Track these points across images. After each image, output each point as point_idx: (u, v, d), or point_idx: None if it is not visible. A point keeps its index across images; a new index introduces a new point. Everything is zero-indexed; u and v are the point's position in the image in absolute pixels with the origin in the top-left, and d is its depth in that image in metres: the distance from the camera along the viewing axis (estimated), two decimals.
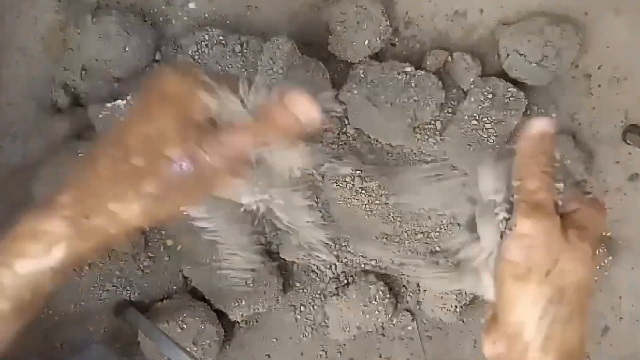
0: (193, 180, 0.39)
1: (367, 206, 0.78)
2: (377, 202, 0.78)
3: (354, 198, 0.77)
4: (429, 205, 0.79)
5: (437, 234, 0.80)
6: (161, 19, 0.81)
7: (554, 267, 0.40)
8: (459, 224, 0.81)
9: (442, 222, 0.80)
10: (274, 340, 0.82)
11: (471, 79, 0.80)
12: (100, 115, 0.75)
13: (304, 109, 0.41)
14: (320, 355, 0.82)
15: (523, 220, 0.41)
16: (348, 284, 0.81)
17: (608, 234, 0.82)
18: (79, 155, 0.75)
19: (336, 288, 0.81)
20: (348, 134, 0.81)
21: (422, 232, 0.80)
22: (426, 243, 0.81)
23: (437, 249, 0.81)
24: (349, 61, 0.80)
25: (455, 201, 0.75)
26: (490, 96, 0.78)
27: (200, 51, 0.76)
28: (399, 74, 0.77)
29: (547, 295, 0.40)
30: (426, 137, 0.80)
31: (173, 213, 0.41)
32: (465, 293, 0.78)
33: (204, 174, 0.39)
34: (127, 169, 0.38)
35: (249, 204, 0.49)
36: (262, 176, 0.47)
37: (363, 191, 0.77)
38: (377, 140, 0.80)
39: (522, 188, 0.43)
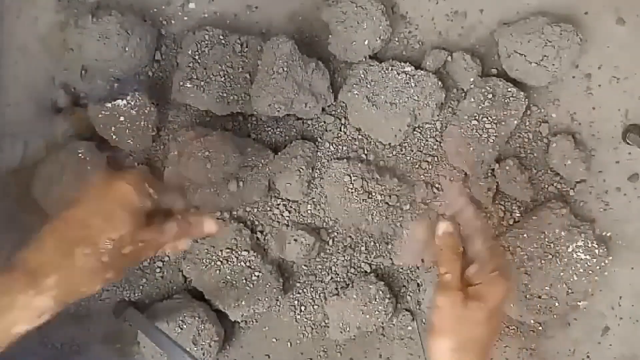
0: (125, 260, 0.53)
1: (366, 207, 0.78)
2: (378, 202, 0.78)
3: (353, 198, 0.77)
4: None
5: None
6: (161, 18, 0.81)
7: (457, 327, 0.57)
8: None
9: None
10: (274, 340, 0.82)
11: (471, 79, 0.80)
12: (100, 115, 0.75)
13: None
14: (320, 355, 0.82)
15: (438, 294, 0.59)
16: (348, 284, 0.81)
17: (608, 234, 0.82)
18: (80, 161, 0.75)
19: (336, 288, 0.81)
20: (348, 134, 0.81)
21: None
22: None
23: None
24: (349, 61, 0.80)
25: None
26: (490, 96, 0.78)
27: (200, 51, 0.76)
28: (399, 74, 0.77)
29: (452, 347, 0.57)
30: (426, 137, 0.80)
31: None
32: None
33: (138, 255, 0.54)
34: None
35: None
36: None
37: (363, 191, 0.77)
38: (378, 141, 0.81)
39: (438, 272, 0.61)
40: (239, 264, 0.77)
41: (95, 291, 0.52)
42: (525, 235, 0.79)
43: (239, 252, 0.77)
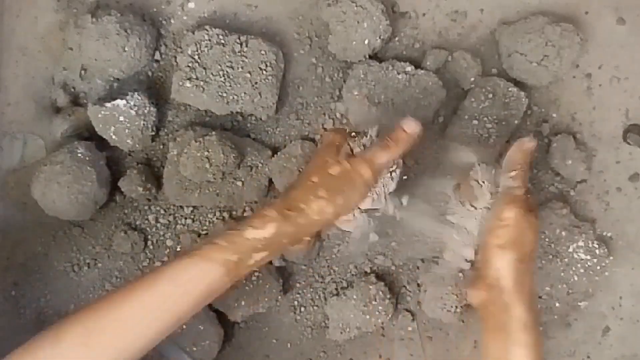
0: (348, 191, 0.60)
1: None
2: None
3: None
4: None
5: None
6: (161, 18, 0.81)
7: (521, 238, 0.62)
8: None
9: None
10: (274, 340, 0.82)
11: (471, 79, 0.80)
12: (100, 115, 0.75)
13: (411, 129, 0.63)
14: (320, 355, 0.82)
15: (508, 207, 0.62)
16: (348, 284, 0.81)
17: (609, 234, 0.82)
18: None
19: (336, 288, 0.81)
20: None
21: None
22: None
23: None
24: (349, 61, 0.80)
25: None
26: (490, 96, 0.78)
27: (199, 51, 0.76)
28: (399, 74, 0.77)
29: (518, 257, 0.62)
30: (427, 136, 0.80)
31: (337, 215, 0.61)
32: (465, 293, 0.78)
33: (355, 186, 0.61)
34: (309, 184, 0.60)
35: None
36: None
37: None
38: None
39: (508, 185, 0.65)
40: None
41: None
42: None
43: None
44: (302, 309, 0.81)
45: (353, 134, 0.66)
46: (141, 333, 0.55)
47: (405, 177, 0.74)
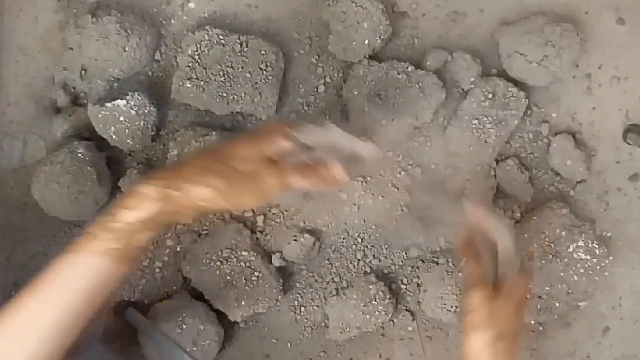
0: (245, 192, 0.55)
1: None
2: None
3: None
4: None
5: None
6: (161, 18, 0.81)
7: (491, 321, 0.64)
8: None
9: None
10: (274, 340, 0.82)
11: (471, 79, 0.80)
12: (100, 115, 0.75)
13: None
14: (320, 355, 0.82)
15: (470, 293, 0.66)
16: (348, 284, 0.81)
17: (609, 234, 0.82)
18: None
19: (336, 288, 0.81)
20: None
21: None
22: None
23: (437, 249, 0.81)
24: (349, 61, 0.80)
25: None
26: (490, 96, 0.78)
27: (200, 51, 0.76)
28: (399, 74, 0.77)
29: (487, 339, 0.64)
30: (427, 137, 0.80)
31: (224, 208, 0.58)
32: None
33: (254, 192, 0.55)
34: (204, 167, 0.55)
35: None
36: None
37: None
38: None
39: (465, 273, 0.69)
40: (239, 264, 0.77)
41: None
42: (525, 235, 0.79)
43: (239, 252, 0.77)
44: (302, 309, 0.81)
45: (290, 132, 0.58)
46: (41, 342, 0.53)
47: None
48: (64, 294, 0.54)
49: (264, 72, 0.77)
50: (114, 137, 0.76)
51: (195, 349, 0.76)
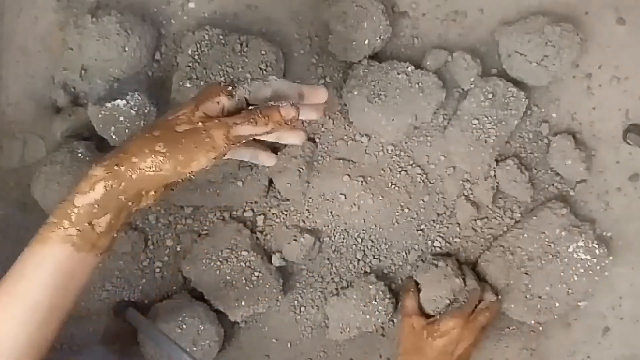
0: (192, 150, 0.53)
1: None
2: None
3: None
4: None
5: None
6: (161, 18, 0.81)
7: (416, 349, 0.73)
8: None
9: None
10: (274, 340, 0.82)
11: (471, 79, 0.80)
12: (100, 115, 0.75)
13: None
14: (320, 355, 0.82)
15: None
16: (348, 284, 0.81)
17: (609, 234, 0.82)
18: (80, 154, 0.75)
19: (336, 288, 0.81)
20: (348, 134, 0.81)
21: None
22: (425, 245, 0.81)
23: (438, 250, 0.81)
24: (349, 61, 0.80)
25: None
26: (490, 96, 0.78)
27: (200, 51, 0.76)
28: (399, 74, 0.77)
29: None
30: (427, 136, 0.80)
31: (177, 173, 0.54)
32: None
33: (202, 147, 0.53)
34: (148, 137, 0.54)
35: None
36: None
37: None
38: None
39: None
40: (239, 264, 0.77)
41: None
42: (525, 235, 0.79)
43: (239, 252, 0.77)
44: (302, 309, 0.81)
45: (229, 88, 0.57)
46: (13, 337, 0.53)
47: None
48: (31, 287, 0.53)
49: (264, 72, 0.77)
50: (114, 137, 0.76)
51: (195, 349, 0.76)
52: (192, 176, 0.56)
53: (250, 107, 0.58)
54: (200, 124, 0.54)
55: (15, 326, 0.53)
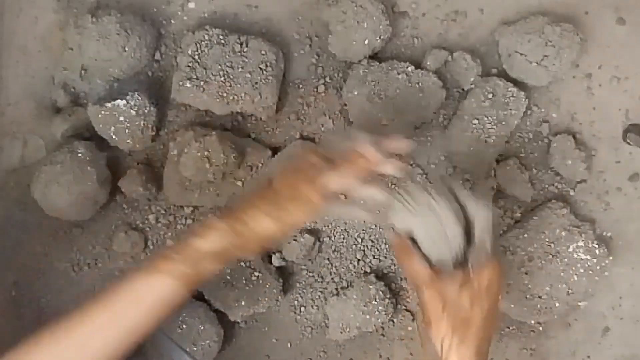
0: (294, 211, 0.60)
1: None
2: None
3: None
4: None
5: None
6: (161, 18, 0.81)
7: (444, 314, 0.60)
8: None
9: None
10: (274, 340, 0.82)
11: (471, 79, 0.80)
12: (100, 115, 0.75)
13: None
14: (320, 355, 0.82)
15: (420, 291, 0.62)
16: (348, 284, 0.81)
17: (609, 234, 0.82)
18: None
19: (336, 288, 0.81)
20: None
21: None
22: None
23: None
24: (349, 61, 0.80)
25: None
26: (490, 96, 0.78)
27: (200, 51, 0.76)
28: (399, 74, 0.77)
29: (440, 335, 0.61)
30: (427, 136, 0.80)
31: (282, 232, 0.61)
32: None
33: (302, 208, 0.60)
34: (258, 200, 0.61)
35: None
36: None
37: None
38: None
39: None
40: (239, 264, 0.77)
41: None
42: (525, 235, 0.79)
43: None
44: (302, 309, 0.81)
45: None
46: (101, 355, 0.56)
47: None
48: (132, 310, 0.57)
49: (264, 72, 0.77)
50: (114, 137, 0.76)
51: (195, 349, 0.76)
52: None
53: None
54: (298, 188, 0.60)
55: (105, 345, 0.56)
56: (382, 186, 0.63)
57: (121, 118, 0.75)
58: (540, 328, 0.82)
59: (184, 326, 0.76)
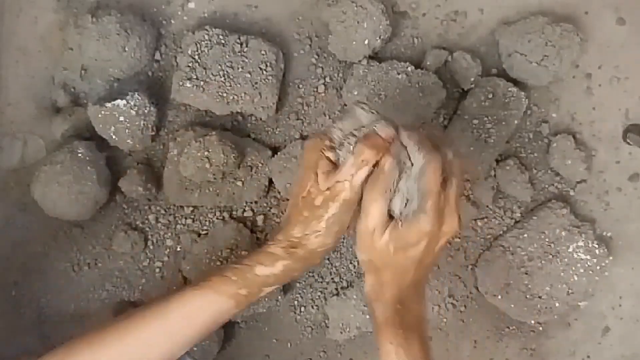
0: (339, 217, 0.58)
1: None
2: None
3: None
4: None
5: None
6: (161, 18, 0.81)
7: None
8: None
9: None
10: (274, 340, 0.82)
11: (471, 79, 0.80)
12: (100, 115, 0.75)
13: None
14: (320, 355, 0.82)
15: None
16: (348, 284, 0.81)
17: (609, 234, 0.82)
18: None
19: (336, 288, 0.81)
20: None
21: None
22: None
23: None
24: (349, 61, 0.80)
25: None
26: (490, 96, 0.78)
27: (200, 51, 0.76)
28: (399, 74, 0.77)
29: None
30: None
31: (337, 240, 0.60)
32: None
33: (343, 210, 0.58)
34: (302, 219, 0.59)
35: None
36: None
37: None
38: None
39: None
40: None
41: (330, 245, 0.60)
42: (525, 235, 0.79)
43: (239, 252, 0.77)
44: (302, 309, 0.81)
45: (327, 142, 0.59)
46: None
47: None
48: (185, 326, 0.58)
49: (264, 72, 0.77)
50: (114, 137, 0.76)
51: (195, 349, 0.76)
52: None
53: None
54: (328, 192, 0.57)
55: (153, 352, 0.57)
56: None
57: (121, 118, 0.75)
58: (540, 328, 0.82)
59: None
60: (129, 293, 0.80)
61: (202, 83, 0.76)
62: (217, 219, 0.80)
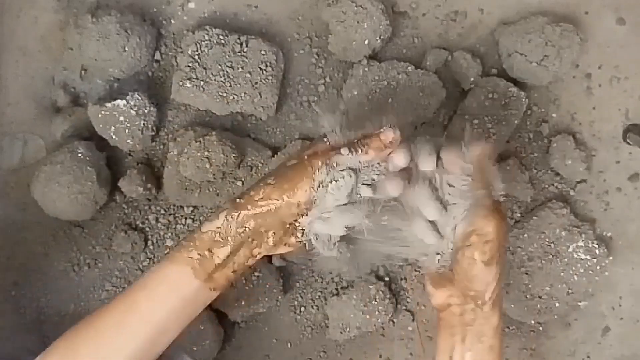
0: (295, 177, 0.56)
1: None
2: None
3: None
4: None
5: None
6: (161, 18, 0.81)
7: (503, 250, 0.60)
8: None
9: None
10: (274, 340, 0.82)
11: (471, 79, 0.80)
12: (100, 115, 0.75)
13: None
14: (320, 355, 0.82)
15: (487, 220, 0.59)
16: (348, 284, 0.81)
17: (609, 234, 0.82)
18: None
19: (336, 288, 0.81)
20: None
21: None
22: None
23: None
24: (349, 61, 0.80)
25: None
26: (490, 96, 0.78)
27: (199, 51, 0.76)
28: (399, 74, 0.77)
29: (500, 270, 0.60)
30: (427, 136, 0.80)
31: (285, 202, 0.57)
32: None
33: (304, 172, 0.56)
34: (264, 176, 0.58)
35: None
36: None
37: None
38: None
39: (476, 194, 0.61)
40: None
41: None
42: (525, 235, 0.79)
43: None
44: (302, 309, 0.81)
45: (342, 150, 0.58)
46: (122, 354, 0.56)
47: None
48: (150, 299, 0.56)
49: (264, 72, 0.77)
50: (114, 137, 0.76)
51: (195, 349, 0.76)
52: (305, 211, 0.57)
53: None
54: (305, 157, 0.57)
55: (129, 338, 0.56)
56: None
57: (121, 118, 0.75)
58: (540, 328, 0.82)
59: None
60: None
61: (202, 83, 0.76)
62: None
